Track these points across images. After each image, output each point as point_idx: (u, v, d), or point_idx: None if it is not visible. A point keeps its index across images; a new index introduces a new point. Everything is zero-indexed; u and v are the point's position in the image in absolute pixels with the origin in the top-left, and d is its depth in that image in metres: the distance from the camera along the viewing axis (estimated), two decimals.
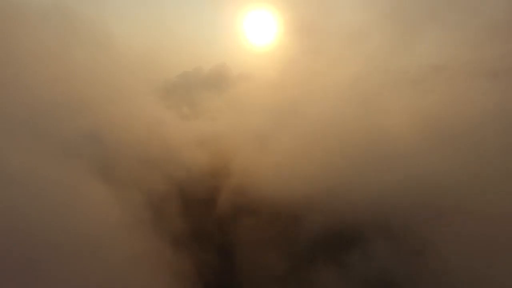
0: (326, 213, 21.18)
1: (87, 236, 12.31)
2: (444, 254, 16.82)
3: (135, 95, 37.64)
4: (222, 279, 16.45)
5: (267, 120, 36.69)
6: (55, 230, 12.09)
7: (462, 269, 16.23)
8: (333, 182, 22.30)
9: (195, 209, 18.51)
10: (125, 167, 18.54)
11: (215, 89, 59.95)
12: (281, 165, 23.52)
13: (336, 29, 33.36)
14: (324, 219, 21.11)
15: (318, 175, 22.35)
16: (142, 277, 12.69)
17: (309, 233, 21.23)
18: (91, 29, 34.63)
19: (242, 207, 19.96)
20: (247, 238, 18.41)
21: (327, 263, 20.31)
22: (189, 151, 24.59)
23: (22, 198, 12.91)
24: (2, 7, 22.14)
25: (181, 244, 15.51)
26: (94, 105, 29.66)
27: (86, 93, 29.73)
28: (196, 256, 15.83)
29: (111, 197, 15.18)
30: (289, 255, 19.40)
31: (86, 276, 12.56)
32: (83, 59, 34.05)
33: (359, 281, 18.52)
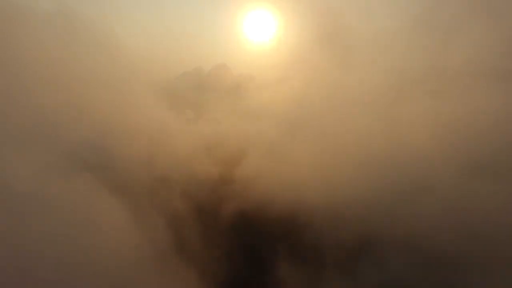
0: (338, 222, 20.67)
1: (105, 261, 11.48)
2: (463, 268, 16.42)
3: (138, 98, 36.77)
4: None
5: (274, 124, 36.09)
6: (66, 255, 11.25)
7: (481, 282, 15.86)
8: (345, 191, 21.82)
9: (214, 228, 17.76)
10: (137, 183, 17.65)
11: (218, 90, 59.23)
12: (292, 172, 22.93)
13: (343, 29, 32.67)
14: (335, 228, 20.59)
15: (330, 183, 21.80)
16: None
17: (321, 243, 20.70)
18: (93, 30, 33.67)
19: (260, 219, 19.36)
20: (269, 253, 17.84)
21: (337, 272, 19.87)
22: (199, 161, 23.77)
23: (30, 219, 12.02)
24: (3, 8, 21.13)
25: (205, 269, 14.75)
26: (97, 110, 28.82)
27: (89, 97, 28.82)
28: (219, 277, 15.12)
29: (126, 217, 14.31)
30: (302, 265, 18.89)
31: None
32: (85, 61, 33.11)
33: None
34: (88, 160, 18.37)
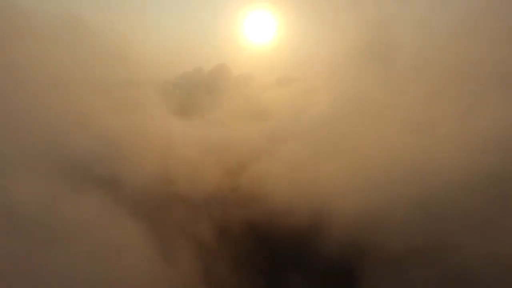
0: (347, 233, 19.75)
1: None
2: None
3: (140, 101, 35.55)
4: None
5: (280, 126, 35.10)
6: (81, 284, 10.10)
7: None
8: (353, 198, 20.99)
9: (239, 252, 16.70)
10: (152, 202, 16.45)
11: (219, 91, 58.08)
12: (310, 181, 21.97)
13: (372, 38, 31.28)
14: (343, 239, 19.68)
15: (350, 192, 20.93)
16: None
17: (330, 252, 19.85)
18: (94, 33, 32.35)
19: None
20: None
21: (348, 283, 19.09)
22: (209, 172, 22.60)
23: (40, 248, 10.83)
24: (10, 17, 19.81)
25: None
26: (101, 115, 27.61)
27: (91, 100, 27.58)
28: None
29: (144, 239, 13.13)
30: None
31: None
32: (86, 64, 31.85)
33: None
34: (97, 174, 17.16)
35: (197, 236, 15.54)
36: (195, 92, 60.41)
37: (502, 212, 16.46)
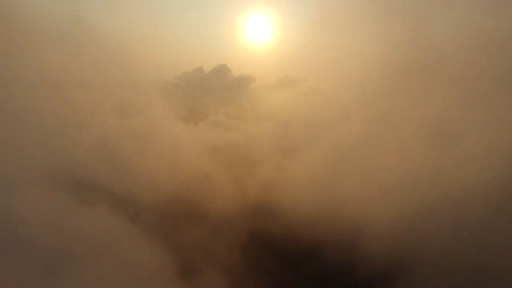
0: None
1: None
2: None
3: (146, 106, 34.64)
4: None
5: (289, 130, 34.12)
6: None
7: None
8: (358, 204, 20.10)
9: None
10: (168, 221, 15.35)
11: (220, 91, 56.89)
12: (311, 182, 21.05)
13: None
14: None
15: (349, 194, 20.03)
16: None
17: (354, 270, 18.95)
18: (98, 35, 31.48)
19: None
20: None
21: None
22: (222, 186, 21.53)
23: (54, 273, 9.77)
24: (18, 21, 18.89)
25: None
26: (103, 116, 26.70)
27: (97, 106, 26.68)
28: None
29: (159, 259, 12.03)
30: None
31: None
32: (88, 65, 30.94)
33: None
34: (107, 189, 16.09)
35: (217, 256, 14.48)
36: (198, 92, 59.25)
37: None
